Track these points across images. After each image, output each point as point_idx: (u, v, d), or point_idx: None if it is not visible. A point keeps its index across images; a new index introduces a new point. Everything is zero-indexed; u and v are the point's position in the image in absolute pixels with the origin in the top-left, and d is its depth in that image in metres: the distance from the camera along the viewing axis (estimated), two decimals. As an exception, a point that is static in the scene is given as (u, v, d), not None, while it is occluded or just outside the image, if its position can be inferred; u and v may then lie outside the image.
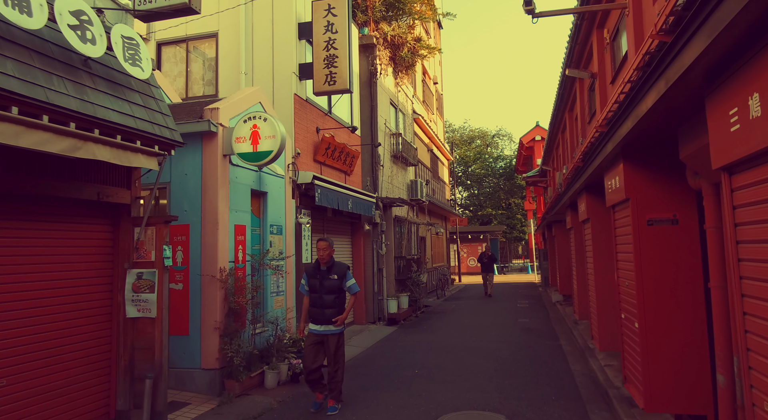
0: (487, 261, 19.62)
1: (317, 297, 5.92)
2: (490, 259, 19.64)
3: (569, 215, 10.04)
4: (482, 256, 19.98)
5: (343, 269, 6.02)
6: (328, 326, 5.90)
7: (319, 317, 5.89)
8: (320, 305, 5.89)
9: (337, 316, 5.89)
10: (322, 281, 5.92)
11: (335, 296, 5.93)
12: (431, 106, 23.77)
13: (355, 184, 12.23)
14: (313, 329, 5.93)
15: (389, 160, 14.48)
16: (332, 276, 5.92)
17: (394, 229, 14.61)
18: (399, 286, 14.61)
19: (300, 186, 9.17)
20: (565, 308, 14.18)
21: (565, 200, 9.65)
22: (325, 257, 5.97)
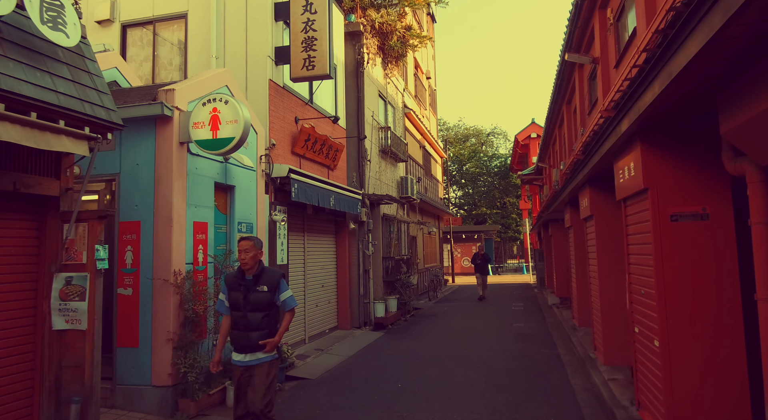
0: (481, 261, 18.58)
1: (240, 316, 4.30)
2: (483, 259, 18.58)
3: (568, 213, 9.29)
4: (475, 256, 18.99)
5: (276, 278, 4.42)
6: (255, 354, 4.27)
7: (243, 343, 4.26)
8: (244, 327, 4.27)
9: (269, 339, 4.29)
10: (246, 295, 4.31)
11: (264, 314, 4.31)
12: (424, 102, 23.01)
13: (339, 179, 11.44)
14: (237, 361, 4.32)
15: (377, 155, 13.70)
16: (261, 287, 4.32)
17: (383, 228, 13.83)
18: (387, 288, 13.83)
19: (275, 180, 8.38)
20: (562, 312, 13.44)
21: (563, 197, 8.91)
22: (249, 262, 4.34)
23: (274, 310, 4.41)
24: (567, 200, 8.98)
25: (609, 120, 3.81)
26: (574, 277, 9.12)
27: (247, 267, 4.36)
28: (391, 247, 14.36)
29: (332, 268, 11.55)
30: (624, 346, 6.19)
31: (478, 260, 18.70)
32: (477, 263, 18.69)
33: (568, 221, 9.50)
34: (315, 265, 10.57)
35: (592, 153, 4.97)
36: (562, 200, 9.41)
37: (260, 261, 4.46)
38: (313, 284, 10.45)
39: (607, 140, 4.15)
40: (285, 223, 8.61)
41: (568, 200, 8.94)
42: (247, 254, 4.36)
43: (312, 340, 10.10)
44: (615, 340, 6.21)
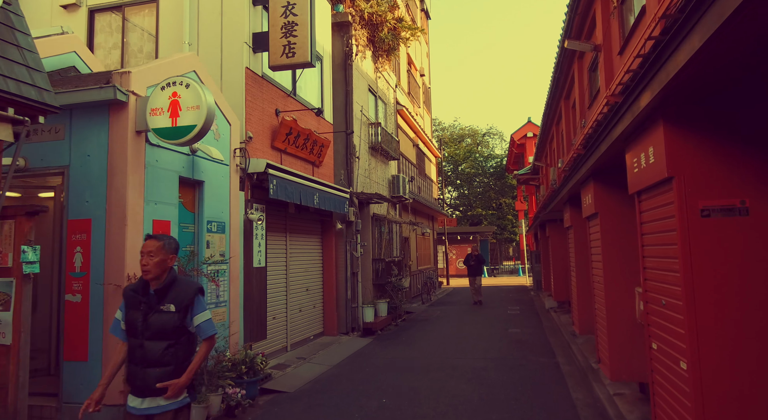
0: (475, 263, 17.32)
1: (136, 345, 3.14)
2: (477, 260, 17.30)
3: (568, 212, 8.69)
4: (469, 257, 17.62)
5: (190, 294, 3.21)
6: (155, 400, 3.10)
7: (138, 383, 3.11)
8: (141, 360, 3.11)
9: (172, 380, 3.08)
10: (147, 315, 3.15)
11: (169, 344, 3.12)
12: (417, 99, 22.42)
13: (325, 177, 10.81)
14: (132, 407, 3.14)
15: (367, 152, 13.08)
16: (166, 306, 3.15)
17: (373, 228, 13.21)
18: (377, 291, 13.20)
19: (251, 176, 7.75)
20: (560, 316, 12.83)
21: (562, 195, 8.31)
22: (153, 270, 3.18)
23: (183, 339, 3.17)
24: (566, 198, 8.38)
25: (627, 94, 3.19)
26: (575, 281, 8.51)
27: (149, 276, 3.16)
28: (382, 248, 13.74)
29: (318, 271, 10.91)
30: (632, 359, 5.59)
31: (471, 262, 17.46)
32: (470, 265, 17.45)
33: (567, 221, 8.90)
34: (298, 267, 9.94)
35: (598, 142, 4.36)
36: (561, 199, 8.81)
37: (171, 269, 3.27)
38: (297, 288, 9.81)
39: (620, 123, 3.54)
40: (262, 222, 7.98)
41: (568, 198, 8.34)
42: (151, 259, 3.16)
43: (294, 348, 9.46)
44: (622, 352, 5.61)
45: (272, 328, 8.64)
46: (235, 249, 7.12)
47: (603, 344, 6.10)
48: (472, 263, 17.39)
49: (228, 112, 7.16)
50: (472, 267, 17.39)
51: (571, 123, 12.54)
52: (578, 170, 6.18)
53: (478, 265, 17.35)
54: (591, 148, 5.17)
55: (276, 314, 8.88)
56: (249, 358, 6.35)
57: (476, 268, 17.35)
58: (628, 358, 5.55)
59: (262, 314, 7.90)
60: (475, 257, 17.41)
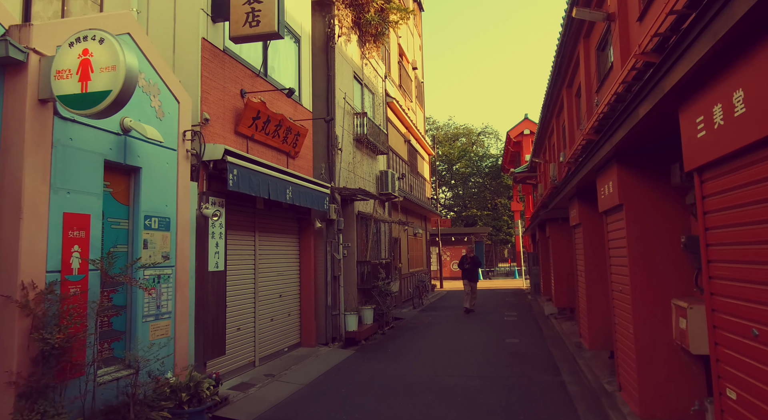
0: (470, 266, 15.80)
1: None
2: (473, 263, 15.77)
3: (575, 208, 7.61)
4: (463, 259, 16.10)
5: None
6: None
7: None
8: None
9: None
10: None
11: None
12: (409, 93, 21.34)
13: (302, 169, 9.70)
14: None
15: (351, 145, 11.97)
16: None
17: (358, 227, 12.10)
18: (363, 296, 12.09)
19: (207, 164, 6.63)
20: (561, 324, 11.76)
21: (569, 189, 7.23)
22: None
23: None
24: (573, 193, 7.31)
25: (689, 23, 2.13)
26: (583, 287, 7.43)
27: None
28: (368, 249, 12.63)
29: (294, 275, 9.79)
30: (671, 392, 4.43)
31: (466, 264, 15.92)
32: (465, 268, 15.90)
33: (575, 218, 7.81)
34: (270, 270, 8.81)
35: (633, 105, 3.26)
36: (567, 194, 7.73)
37: None
38: (268, 294, 8.69)
39: (671, 72, 2.46)
40: (220, 218, 6.85)
41: (576, 192, 7.26)
42: None
43: (264, 362, 8.34)
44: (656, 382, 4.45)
45: (235, 341, 7.52)
46: (183, 250, 5.99)
47: (628, 369, 4.98)
48: (467, 266, 15.89)
49: (176, 88, 6.03)
50: (467, 270, 15.88)
51: (574, 113, 11.48)
52: (593, 155, 5.10)
53: (473, 268, 15.82)
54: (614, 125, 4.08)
55: (241, 325, 7.75)
56: (193, 383, 5.23)
57: (471, 271, 15.83)
58: (665, 390, 4.43)
59: (219, 326, 6.78)
60: (470, 260, 15.85)
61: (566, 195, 7.68)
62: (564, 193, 7.65)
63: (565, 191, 7.41)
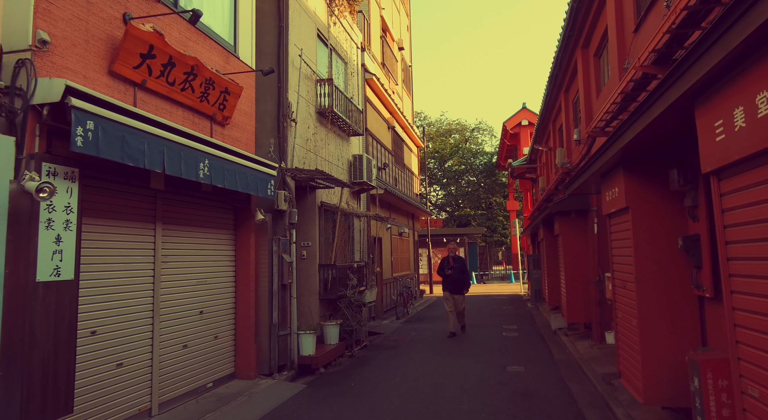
0: (455, 272, 11.13)
1: None
2: (458, 268, 11.16)
3: (617, 186, 5.21)
4: (444, 262, 11.32)
5: None
6: None
7: None
8: None
9: None
10: None
11: None
12: (395, 75, 18.96)
13: (237, 142, 7.27)
14: None
15: (312, 118, 9.54)
16: None
17: (322, 222, 9.67)
18: (327, 309, 9.66)
19: (38, 110, 4.17)
20: (575, 344, 9.38)
21: (607, 158, 4.84)
22: None
23: None
24: (617, 160, 4.92)
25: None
26: (630, 303, 5.02)
27: None
28: (334, 250, 10.19)
29: (226, 283, 7.34)
30: None
31: (447, 269, 11.18)
32: (446, 275, 11.19)
33: (612, 204, 5.42)
34: (183, 278, 6.37)
35: None
36: (601, 169, 5.33)
37: None
38: (179, 310, 6.25)
39: None
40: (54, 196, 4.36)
41: (620, 160, 4.88)
42: None
43: (168, 408, 5.88)
44: None
45: (111, 384, 5.06)
46: (-26, 246, 3.54)
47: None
48: (449, 272, 11.17)
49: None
50: (450, 278, 11.18)
51: (593, 78, 9.11)
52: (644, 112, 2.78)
53: (459, 275, 11.19)
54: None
55: (125, 358, 5.30)
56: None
57: (457, 279, 11.16)
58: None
59: (61, 368, 4.30)
60: (454, 263, 11.23)
61: (600, 170, 5.28)
62: (594, 169, 5.25)
63: (598, 163, 5.01)
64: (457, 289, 11.33)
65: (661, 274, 4.66)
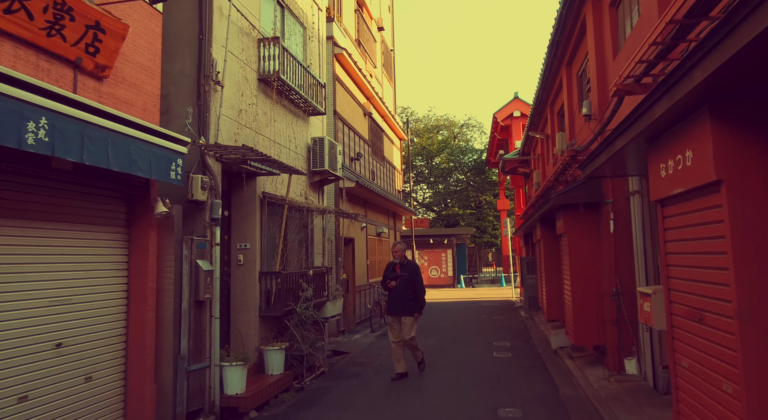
0: (401, 284, 7.76)
1: None
2: (407, 279, 7.76)
3: (671, 157, 3.21)
4: (390, 269, 8.05)
5: None
6: None
7: None
8: None
9: None
10: None
11: None
12: (372, 57, 16.96)
13: (124, 104, 5.22)
14: None
15: (251, 86, 7.50)
16: None
17: (265, 219, 7.63)
18: (270, 329, 7.62)
19: None
20: (583, 371, 7.43)
21: (642, 128, 2.86)
22: None
23: None
24: (669, 122, 2.96)
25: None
26: (696, 347, 3.03)
27: None
28: (281, 253, 8.16)
29: (109, 302, 5.26)
30: None
31: (389, 280, 7.84)
32: (389, 288, 7.85)
33: (676, 179, 3.43)
34: (26, 297, 4.31)
35: None
36: (647, 131, 3.36)
37: None
38: (17, 345, 4.18)
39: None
40: None
41: (674, 121, 2.92)
42: None
43: None
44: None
45: None
46: None
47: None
48: (391, 284, 7.80)
49: None
50: (395, 293, 7.78)
51: (608, 37, 7.17)
52: None
53: (408, 289, 7.71)
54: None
55: None
56: None
57: (404, 296, 7.70)
58: None
59: None
60: (401, 271, 7.84)
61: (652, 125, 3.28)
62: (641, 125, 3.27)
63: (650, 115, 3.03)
64: (404, 308, 7.65)
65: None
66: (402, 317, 7.76)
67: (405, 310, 7.73)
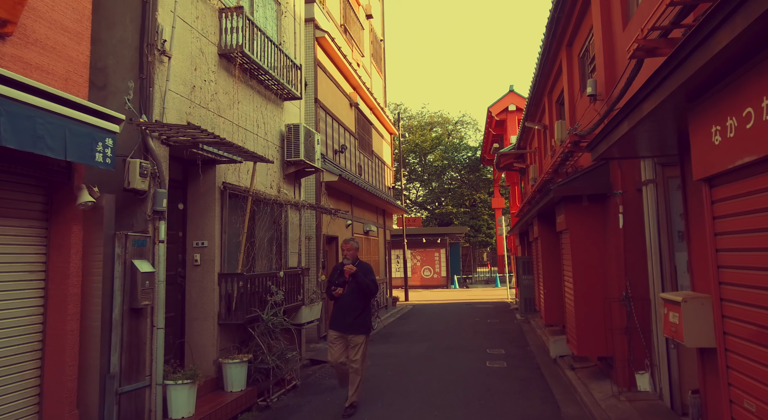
0: (349, 291, 6.03)
1: None
2: (355, 289, 5.99)
3: (725, 118, 2.31)
4: (337, 272, 6.23)
5: None
6: None
7: None
8: None
9: None
10: None
11: None
12: (360, 45, 16.05)
13: (38, 70, 4.27)
14: None
15: (209, 60, 6.56)
16: None
17: (225, 213, 6.70)
18: (232, 338, 6.69)
19: None
20: (588, 386, 6.55)
21: (686, 78, 1.96)
22: None
23: None
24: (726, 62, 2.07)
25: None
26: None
27: None
28: (250, 252, 7.23)
29: (19, 310, 4.32)
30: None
31: (336, 284, 6.14)
32: (335, 296, 6.11)
33: (732, 148, 2.53)
34: None
35: None
36: (690, 81, 2.48)
37: None
38: None
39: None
40: None
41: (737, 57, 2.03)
42: None
43: None
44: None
45: None
46: None
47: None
48: (336, 292, 6.09)
49: None
50: (342, 303, 6.07)
51: (616, 6, 6.28)
52: None
53: (357, 298, 6.02)
54: None
55: None
56: None
57: (352, 305, 6.00)
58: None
59: None
60: (351, 276, 6.03)
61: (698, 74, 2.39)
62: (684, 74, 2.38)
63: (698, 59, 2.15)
64: (353, 323, 5.88)
65: None
66: (349, 335, 5.97)
67: (354, 326, 5.92)
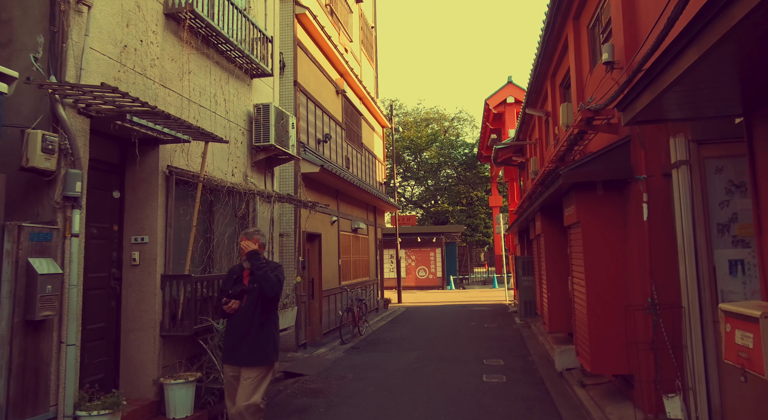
0: (247, 303, 4.24)
1: None
2: (254, 301, 4.22)
3: None
4: (232, 279, 4.39)
5: None
6: None
7: None
8: None
9: None
10: None
11: None
12: (348, 30, 14.98)
13: None
14: None
15: (151, 20, 5.46)
16: None
17: (171, 204, 5.61)
18: (179, 353, 5.60)
19: None
20: (604, 409, 5.48)
21: None
22: None
23: None
24: None
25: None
26: None
27: None
28: (206, 250, 6.14)
29: None
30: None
31: (229, 294, 4.30)
32: (229, 313, 4.26)
33: None
34: None
35: None
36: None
37: None
38: None
39: None
40: None
41: None
42: None
43: None
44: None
45: None
46: None
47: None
48: (232, 306, 4.22)
49: None
50: (236, 321, 4.23)
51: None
52: None
53: (255, 310, 4.20)
54: None
55: None
56: None
57: (247, 323, 4.18)
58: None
59: None
60: (250, 281, 4.28)
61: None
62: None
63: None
64: (249, 350, 4.17)
65: None
66: (243, 368, 4.15)
67: (248, 355, 4.15)
